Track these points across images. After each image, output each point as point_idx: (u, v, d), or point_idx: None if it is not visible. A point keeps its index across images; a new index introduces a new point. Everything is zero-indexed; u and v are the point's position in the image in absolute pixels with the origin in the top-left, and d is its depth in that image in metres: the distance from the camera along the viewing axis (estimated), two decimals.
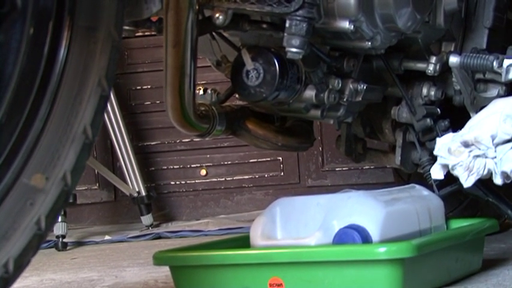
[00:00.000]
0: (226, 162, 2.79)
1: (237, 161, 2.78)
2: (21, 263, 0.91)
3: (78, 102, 0.97)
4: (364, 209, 1.27)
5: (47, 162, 0.94)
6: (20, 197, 0.92)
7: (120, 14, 1.01)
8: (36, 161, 0.94)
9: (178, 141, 2.79)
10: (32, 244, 0.92)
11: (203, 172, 2.80)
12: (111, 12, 1.00)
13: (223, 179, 2.79)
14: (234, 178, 2.78)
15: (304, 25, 1.24)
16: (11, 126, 0.92)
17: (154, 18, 1.35)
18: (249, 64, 1.37)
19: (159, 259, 1.34)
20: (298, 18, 1.24)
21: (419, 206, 1.36)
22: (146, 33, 2.66)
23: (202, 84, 2.33)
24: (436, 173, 1.38)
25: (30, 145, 0.93)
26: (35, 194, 0.93)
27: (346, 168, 2.69)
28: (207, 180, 2.80)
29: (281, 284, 1.25)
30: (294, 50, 1.25)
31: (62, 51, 0.96)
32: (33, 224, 0.92)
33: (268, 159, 2.75)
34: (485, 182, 1.51)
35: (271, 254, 1.27)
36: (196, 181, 2.81)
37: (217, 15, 1.28)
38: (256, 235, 1.33)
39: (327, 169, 2.72)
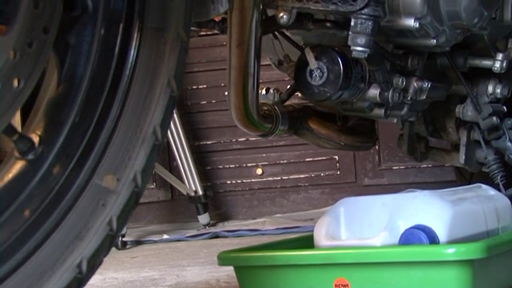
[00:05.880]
0: (282, 161, 2.78)
1: (292, 160, 2.77)
2: (94, 264, 0.92)
3: (148, 103, 0.97)
4: (430, 209, 1.25)
5: (118, 163, 0.95)
6: (93, 197, 0.92)
7: (188, 14, 1.01)
8: (108, 162, 0.94)
9: (234, 140, 2.80)
10: (104, 245, 0.93)
11: (259, 171, 2.79)
12: (179, 13, 1.00)
13: (279, 178, 2.79)
14: (290, 177, 2.78)
15: (369, 23, 1.22)
16: (83, 127, 0.93)
17: (217, 18, 1.35)
18: (313, 63, 1.36)
19: (223, 259, 1.34)
20: (364, 16, 1.22)
21: (486, 206, 1.34)
22: (201, 33, 2.67)
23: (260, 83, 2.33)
24: None
25: (102, 146, 0.93)
26: (107, 194, 0.94)
27: (404, 167, 2.67)
28: (263, 179, 2.80)
29: (347, 284, 1.23)
30: (359, 48, 1.24)
31: (132, 53, 0.96)
32: (105, 225, 0.93)
33: (324, 158, 2.74)
34: None
35: (336, 254, 1.26)
36: (252, 180, 2.81)
37: (281, 14, 1.27)
38: (321, 235, 1.32)
39: (383, 168, 2.69)
